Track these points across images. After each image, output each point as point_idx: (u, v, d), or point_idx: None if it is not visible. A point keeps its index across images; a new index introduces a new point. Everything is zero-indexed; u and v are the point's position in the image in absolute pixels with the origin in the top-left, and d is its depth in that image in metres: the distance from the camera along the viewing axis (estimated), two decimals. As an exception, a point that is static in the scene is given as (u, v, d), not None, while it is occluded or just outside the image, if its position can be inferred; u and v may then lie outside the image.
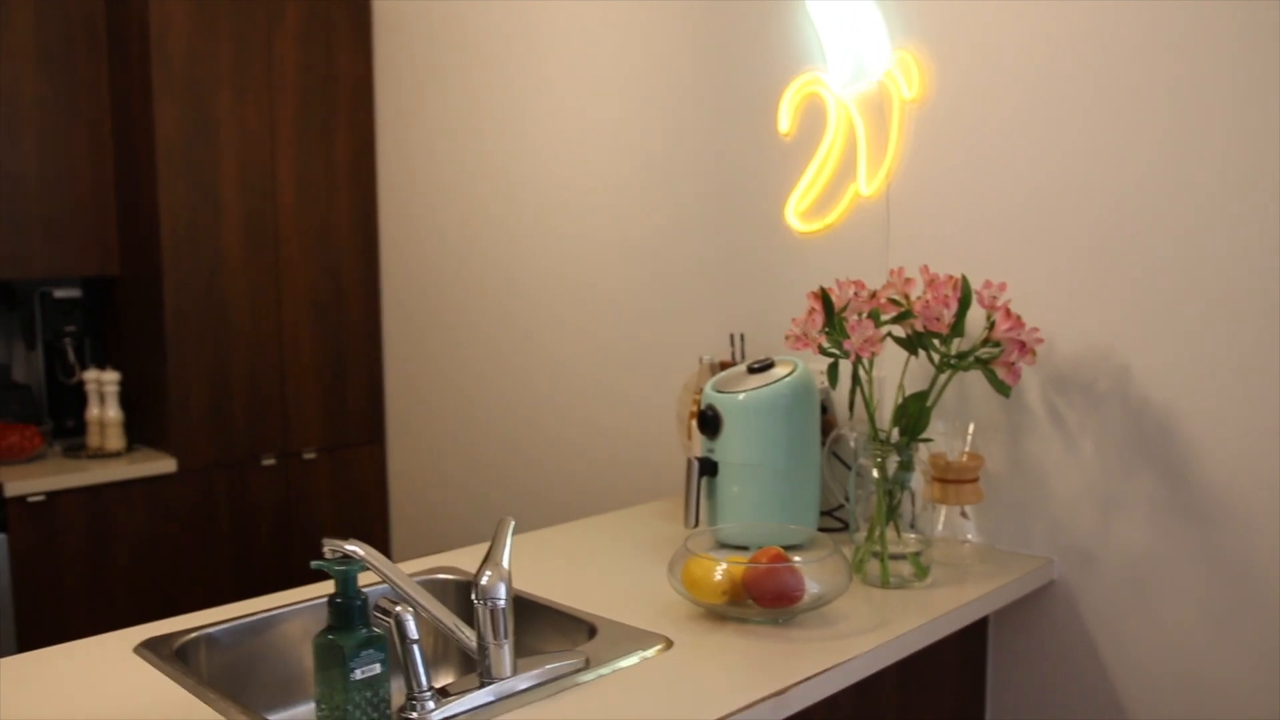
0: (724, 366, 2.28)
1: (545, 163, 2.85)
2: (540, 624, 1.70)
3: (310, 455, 3.40)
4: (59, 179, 3.18)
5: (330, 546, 1.32)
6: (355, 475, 3.51)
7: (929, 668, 1.87)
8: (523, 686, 1.37)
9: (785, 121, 2.25)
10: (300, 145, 3.32)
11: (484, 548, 2.03)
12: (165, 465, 3.11)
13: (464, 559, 1.96)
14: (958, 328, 1.73)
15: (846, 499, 2.06)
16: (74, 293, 3.37)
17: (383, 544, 3.58)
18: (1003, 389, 1.74)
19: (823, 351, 1.77)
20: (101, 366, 3.28)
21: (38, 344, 3.37)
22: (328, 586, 1.80)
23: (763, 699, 1.36)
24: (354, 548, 1.30)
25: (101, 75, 3.23)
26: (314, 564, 1.25)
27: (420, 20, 3.24)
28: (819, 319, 1.75)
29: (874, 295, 1.80)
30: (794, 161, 2.25)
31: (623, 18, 2.61)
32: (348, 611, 1.21)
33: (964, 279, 1.76)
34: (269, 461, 3.32)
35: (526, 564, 1.91)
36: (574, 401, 2.85)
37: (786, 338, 1.80)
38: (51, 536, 2.93)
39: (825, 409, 2.10)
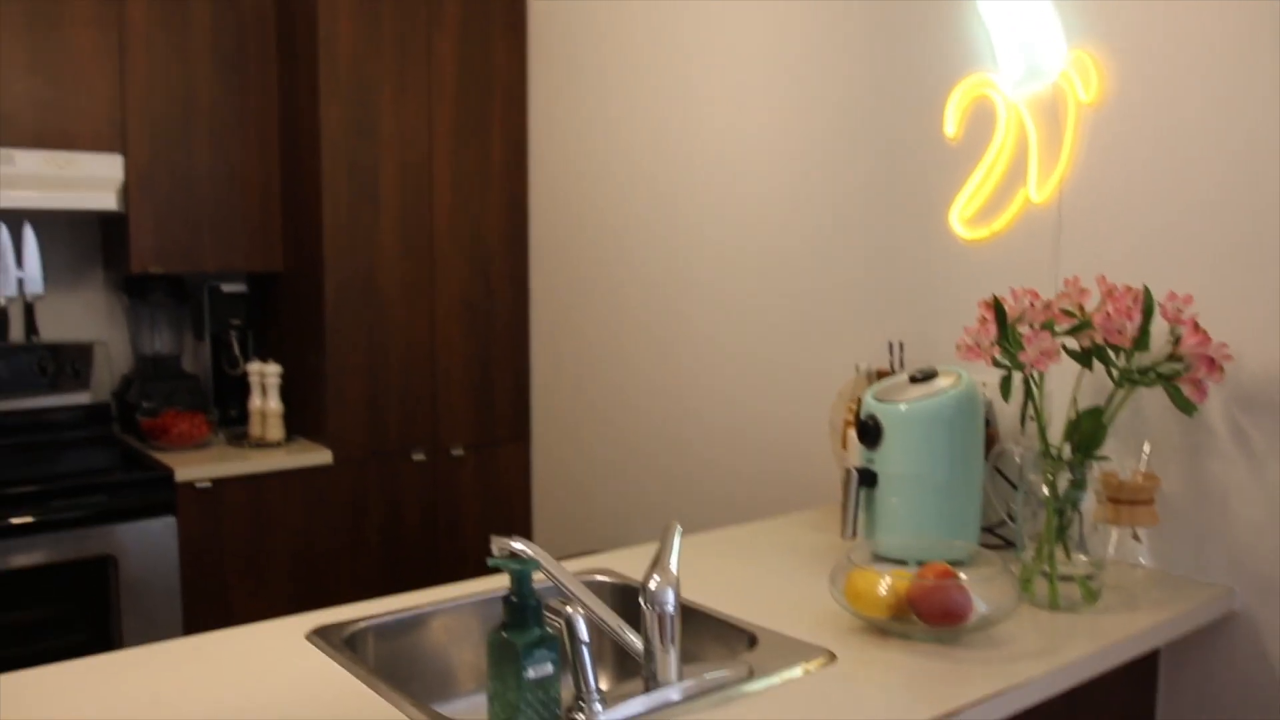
0: (881, 375, 2.24)
1: (698, 165, 2.85)
2: (699, 631, 1.69)
3: (458, 452, 3.47)
4: (229, 178, 3.32)
5: (498, 544, 1.33)
6: (501, 473, 3.56)
7: (1095, 699, 1.79)
8: (688, 694, 1.36)
9: (951, 124, 2.19)
10: (456, 143, 3.39)
11: (636, 551, 2.04)
12: (322, 457, 3.22)
13: (618, 561, 1.96)
14: (1141, 341, 1.66)
15: (1010, 516, 2.00)
16: (240, 287, 3.51)
17: (525, 540, 3.62)
18: (1188, 407, 1.65)
19: (996, 363, 1.72)
20: (264, 359, 3.41)
21: (206, 336, 3.53)
22: (482, 584, 1.83)
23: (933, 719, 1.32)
24: (521, 545, 1.31)
25: (271, 77, 3.36)
26: (490, 561, 1.27)
27: (575, 19, 3.27)
28: (992, 329, 1.70)
29: (1048, 305, 1.74)
30: (959, 166, 2.19)
31: (781, 16, 2.58)
32: (522, 610, 1.21)
33: (1146, 290, 1.69)
34: (419, 457, 3.40)
35: (680, 569, 1.90)
36: (723, 406, 2.84)
37: (958, 347, 1.75)
38: (216, 521, 3.06)
39: (988, 422, 2.04)
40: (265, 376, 3.29)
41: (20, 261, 3.37)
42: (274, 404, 3.29)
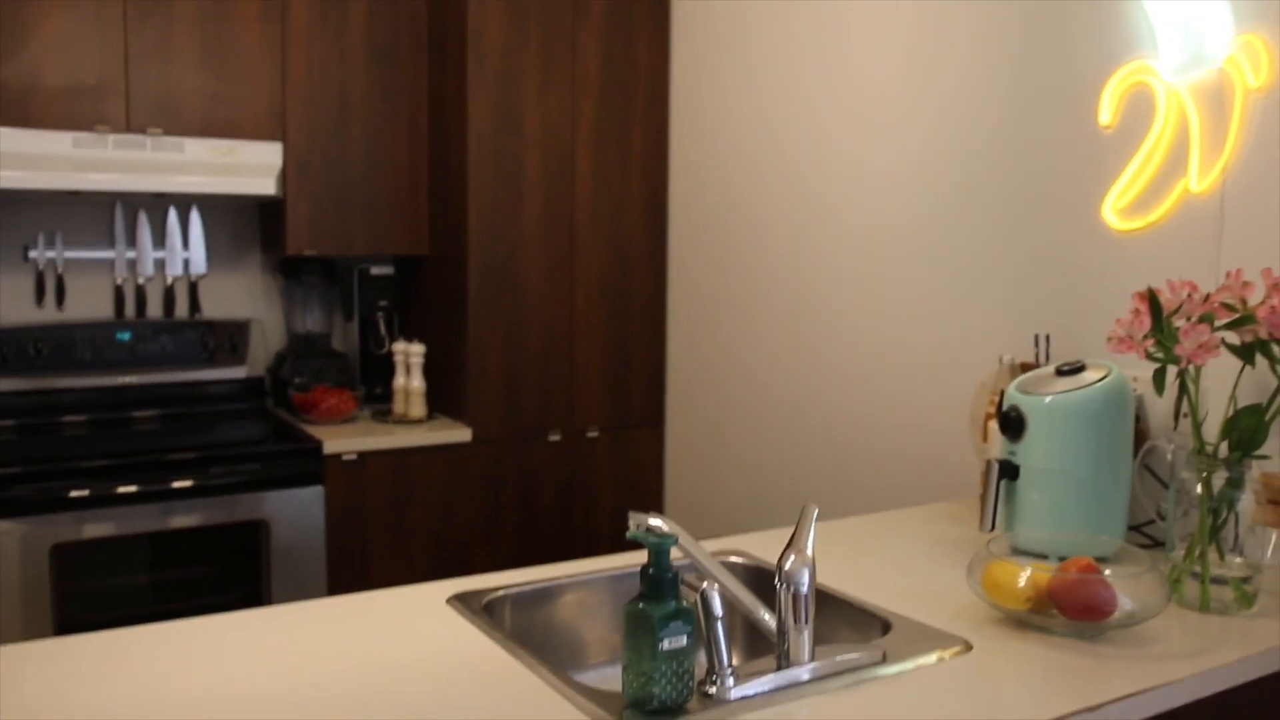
0: (1025, 368, 2.19)
1: (840, 154, 2.83)
2: (830, 615, 1.69)
3: (593, 434, 3.53)
4: (380, 166, 3.44)
5: (636, 519, 1.35)
6: (635, 456, 3.61)
7: (1246, 706, 1.72)
8: (820, 674, 1.36)
9: (1106, 113, 2.13)
10: (598, 135, 3.44)
11: (768, 534, 2.05)
12: (461, 435, 3.31)
13: (751, 544, 1.97)
14: (1308, 337, 1.58)
15: (1160, 515, 1.93)
16: (387, 270, 3.64)
17: (656, 526, 3.66)
18: (1357, 406, 1.57)
19: (1149, 356, 1.66)
20: (409, 339, 3.52)
21: (354, 316, 3.67)
22: (617, 560, 1.86)
23: (1074, 713, 1.29)
24: (658, 521, 1.33)
25: (421, 71, 3.47)
26: (630, 533, 1.29)
27: (716, 13, 3.28)
28: (1145, 321, 1.64)
29: (1207, 299, 1.68)
30: (1114, 155, 2.12)
31: (929, 4, 2.54)
32: (659, 583, 1.24)
33: (1315, 284, 1.61)
34: (555, 438, 3.47)
35: (814, 553, 1.90)
36: (860, 395, 2.81)
37: (1109, 339, 1.70)
38: (360, 492, 3.18)
39: (1139, 418, 1.97)
40: (409, 356, 3.39)
41: (186, 243, 3.56)
42: (417, 382, 3.40)
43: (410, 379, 3.40)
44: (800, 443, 3.02)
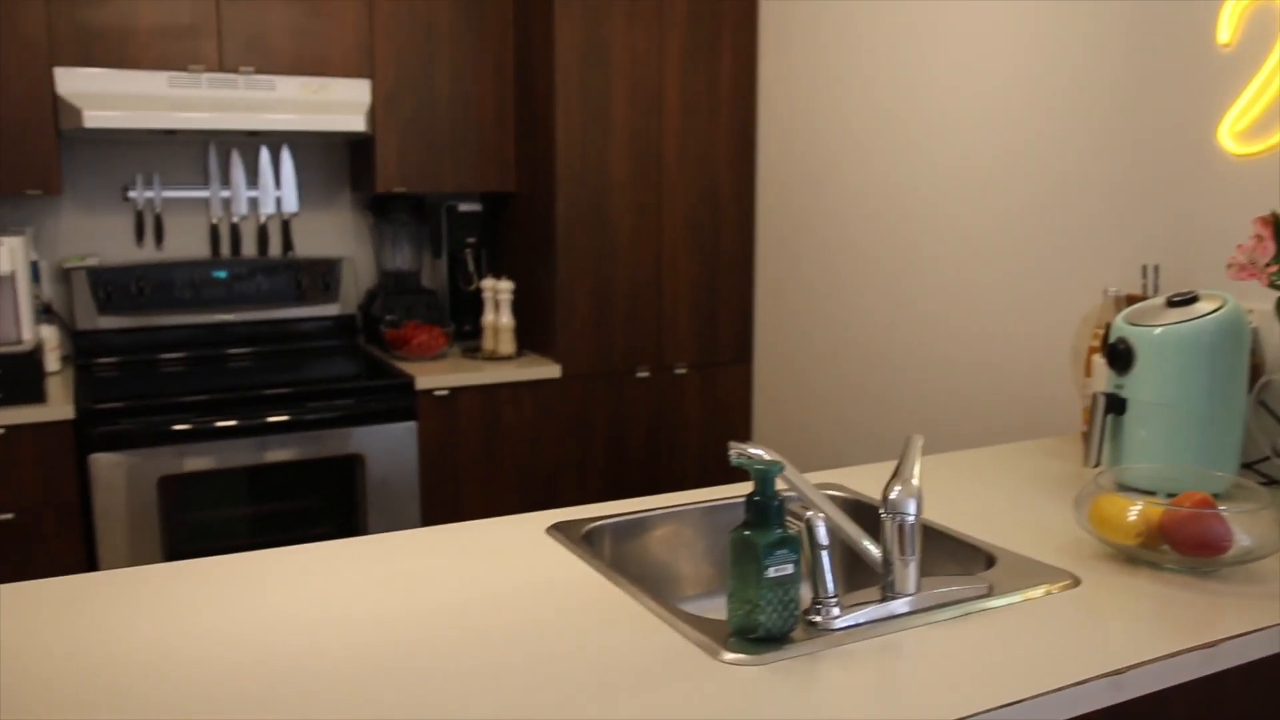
0: (1131, 301, 2.12)
1: (934, 80, 2.75)
2: (933, 548, 1.67)
3: (681, 370, 3.53)
4: (467, 102, 3.44)
5: (736, 450, 1.34)
6: (722, 393, 3.60)
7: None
8: (925, 605, 1.35)
9: (1225, 31, 2.03)
10: (685, 66, 3.39)
11: (864, 469, 2.03)
12: (550, 371, 3.33)
13: (846, 478, 1.95)
14: None
15: (1276, 452, 1.87)
16: (475, 207, 3.65)
17: (743, 463, 3.66)
18: None
19: (1272, 284, 1.60)
20: (497, 276, 3.54)
21: (443, 254, 3.69)
22: (711, 493, 1.85)
23: (1190, 649, 1.26)
24: (759, 451, 1.32)
25: (507, 4, 3.44)
26: (735, 461, 1.28)
27: (810, -62, 3.19)
28: (1270, 247, 1.58)
29: (1334, 224, 1.60)
30: (1232, 76, 2.03)
31: (1035, -76, 2.44)
32: (765, 510, 1.23)
33: None
34: (643, 374, 3.47)
35: (912, 488, 1.88)
36: (953, 330, 2.76)
37: (1228, 266, 1.63)
38: (452, 427, 3.23)
39: (1254, 351, 1.90)
40: (498, 293, 3.41)
41: (278, 182, 3.61)
42: (506, 319, 3.42)
43: (499, 315, 3.42)
44: (891, 379, 2.98)
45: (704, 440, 3.59)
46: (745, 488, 1.88)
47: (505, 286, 3.41)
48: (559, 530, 1.65)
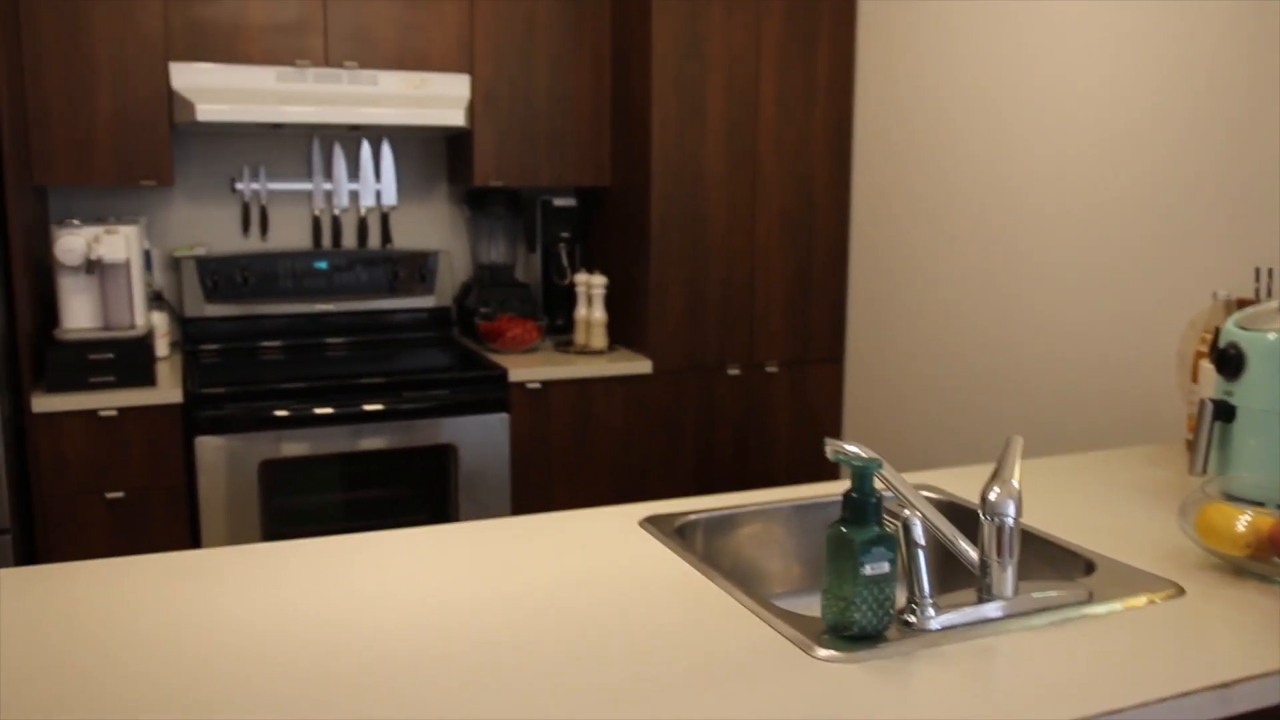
0: (1242, 304, 2.06)
1: (1038, 76, 2.69)
2: (1029, 553, 1.64)
3: (772, 368, 3.52)
4: (564, 98, 3.47)
5: (833, 446, 1.34)
6: (814, 392, 3.58)
7: None
8: (1023, 609, 1.33)
9: (1349, 27, 1.96)
10: (782, 60, 3.37)
11: (958, 471, 2.00)
12: (642, 366, 3.35)
13: (940, 479, 1.93)
14: None
15: (1394, 463, 1.80)
16: (569, 201, 3.68)
17: (833, 463, 3.63)
18: None
19: (1395, 288, 1.54)
20: (590, 271, 3.56)
21: (537, 248, 3.73)
22: (804, 490, 1.85)
23: (1302, 664, 1.22)
24: (856, 449, 1.31)
25: (605, 0, 3.47)
26: (833, 457, 1.28)
27: (912, -67, 3.15)
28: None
29: None
30: (1356, 74, 1.96)
31: (1148, -83, 2.38)
32: (863, 507, 1.22)
33: None
34: (734, 371, 3.47)
35: (1009, 492, 1.85)
36: (1054, 330, 2.71)
37: (1349, 270, 1.57)
38: (544, 420, 3.26)
39: (1374, 359, 1.83)
40: (591, 287, 3.44)
41: (378, 175, 3.69)
42: (599, 314, 3.44)
43: (592, 310, 3.45)
44: (987, 382, 2.93)
45: (793, 439, 3.57)
46: (837, 487, 1.87)
47: (599, 281, 3.43)
48: (652, 523, 1.66)
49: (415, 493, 3.14)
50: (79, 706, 1.11)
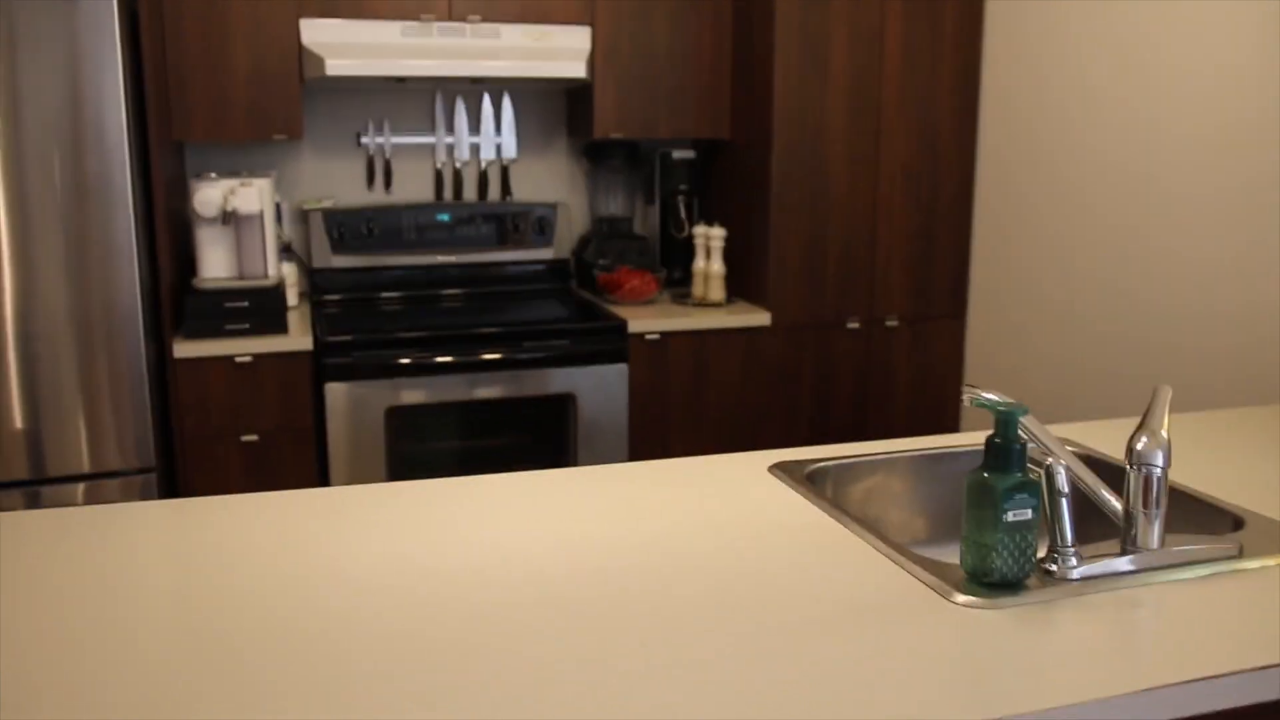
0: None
1: (1178, 30, 2.58)
2: (1171, 508, 1.60)
3: (892, 323, 3.47)
4: (684, 49, 3.45)
5: (972, 393, 1.32)
6: (933, 347, 3.53)
7: None
8: (1169, 562, 1.30)
9: None
10: (908, 9, 3.30)
11: (1091, 425, 1.96)
12: (760, 319, 3.34)
13: (1073, 433, 1.89)
14: None
15: None
16: (688, 154, 3.67)
17: (955, 417, 3.59)
18: None
19: None
20: (709, 223, 3.56)
21: (655, 200, 3.74)
22: (935, 441, 1.83)
23: None
24: (992, 396, 1.29)
25: (726, -52, 3.44)
26: (976, 402, 1.26)
27: (1048, -127, 3.04)
28: None
29: None
30: None
31: None
32: (1006, 453, 1.21)
33: None
34: (853, 325, 3.44)
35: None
36: (1188, 288, 2.61)
37: None
38: (661, 370, 3.28)
39: None
40: (710, 240, 3.43)
41: (499, 128, 3.72)
42: (717, 266, 3.44)
43: (710, 263, 3.44)
44: (1117, 338, 2.85)
45: (912, 395, 3.53)
46: (967, 438, 1.85)
47: (717, 234, 3.42)
48: (782, 469, 1.67)
49: (534, 441, 3.20)
50: (213, 631, 1.16)
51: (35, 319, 2.64)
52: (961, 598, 1.22)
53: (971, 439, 1.83)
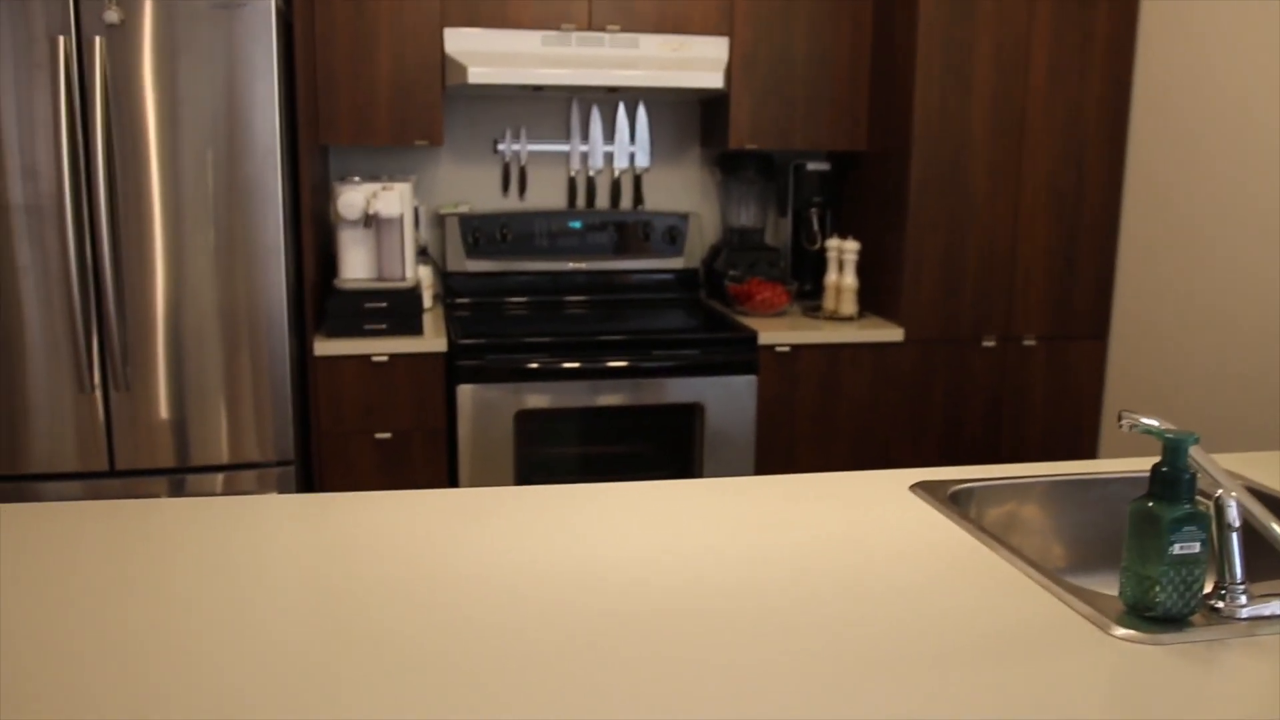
0: None
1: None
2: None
3: (1030, 342, 3.37)
4: (822, 60, 3.42)
5: (1129, 420, 1.27)
6: (1072, 368, 3.41)
7: None
8: (1348, 604, 1.22)
9: None
10: (1056, 21, 3.21)
11: (1249, 457, 1.86)
12: (892, 334, 3.28)
13: (1231, 464, 1.80)
14: None
15: None
16: (823, 166, 3.63)
17: (1092, 442, 3.46)
18: None
19: None
20: (842, 236, 3.51)
21: (788, 212, 3.71)
22: (1093, 465, 1.76)
23: None
24: (1154, 422, 1.24)
25: (868, -42, 3.39)
26: (1140, 429, 1.21)
27: (1211, -121, 2.92)
28: None
29: None
30: None
31: None
32: (1175, 483, 1.15)
33: None
34: (989, 343, 3.35)
35: (1315, 481, 1.71)
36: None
37: None
38: (790, 383, 3.25)
39: None
40: (843, 253, 3.39)
41: (633, 137, 3.74)
42: (850, 280, 3.39)
43: (843, 276, 3.40)
44: (1272, 365, 2.71)
45: (1049, 417, 3.42)
46: (1118, 464, 1.78)
47: (851, 247, 3.37)
48: (924, 489, 1.63)
49: (658, 450, 3.20)
50: (346, 623, 1.19)
51: (184, 314, 2.75)
52: (1120, 631, 1.17)
53: (1121, 465, 1.76)
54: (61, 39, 2.57)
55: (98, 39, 2.59)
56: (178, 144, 2.68)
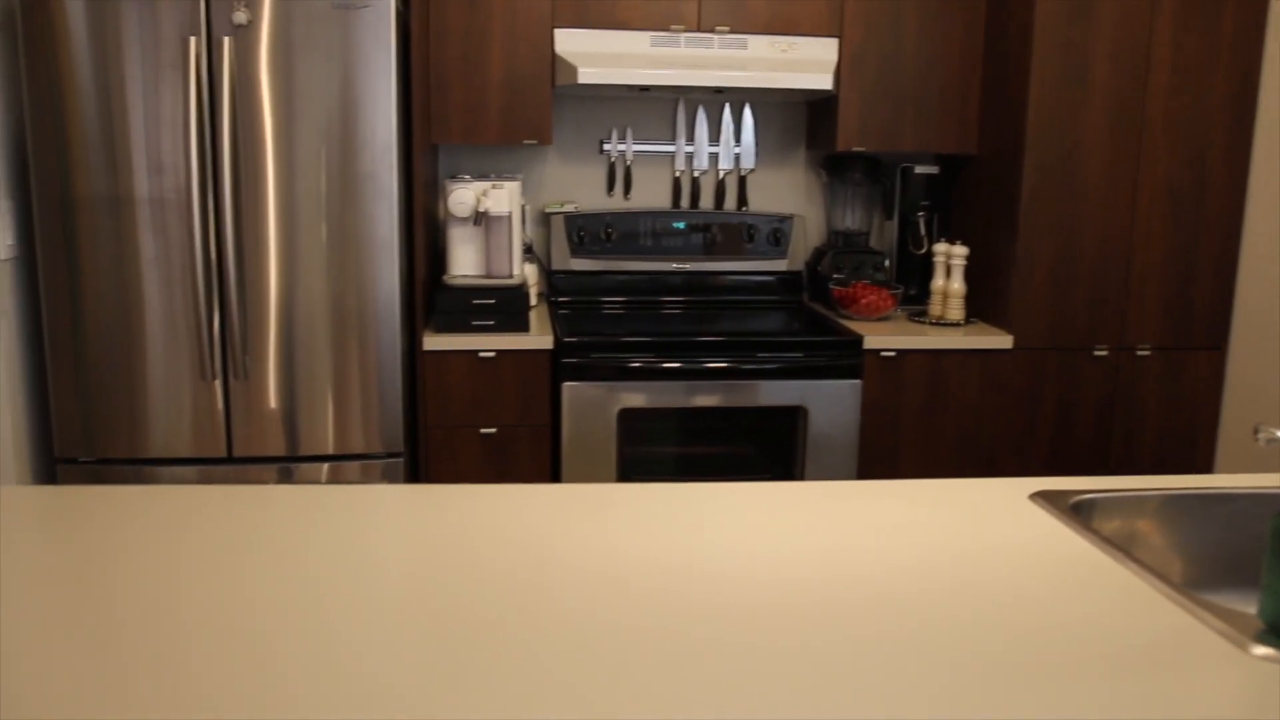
0: None
1: None
2: None
3: (1144, 351, 3.29)
4: (932, 62, 3.38)
5: (1266, 434, 1.23)
6: (1188, 379, 3.32)
7: None
8: None
9: None
10: (1179, 22, 3.12)
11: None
12: (1001, 341, 3.23)
13: (1373, 482, 1.74)
14: None
15: None
16: (931, 169, 3.59)
17: (1207, 456, 3.36)
18: None
19: None
20: (950, 241, 3.46)
21: (895, 215, 3.67)
22: (1221, 480, 1.72)
23: None
24: (1295, 439, 1.20)
25: (983, -42, 3.34)
26: (1274, 442, 1.18)
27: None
28: None
29: None
30: None
31: None
32: (1321, 499, 1.12)
33: None
34: (1101, 352, 3.28)
35: None
36: None
37: None
38: (896, 388, 3.22)
39: None
40: (951, 258, 3.34)
41: (738, 139, 3.74)
42: (957, 285, 3.34)
43: (950, 281, 3.35)
44: None
45: (1162, 428, 3.33)
46: (1242, 479, 1.72)
47: (959, 251, 3.33)
48: (1044, 498, 1.60)
49: (759, 452, 3.19)
50: (450, 613, 1.21)
51: (297, 307, 2.83)
52: (1260, 650, 1.14)
53: (1248, 481, 1.71)
54: (193, 40, 2.66)
55: (226, 39, 2.67)
56: (293, 142, 2.76)
